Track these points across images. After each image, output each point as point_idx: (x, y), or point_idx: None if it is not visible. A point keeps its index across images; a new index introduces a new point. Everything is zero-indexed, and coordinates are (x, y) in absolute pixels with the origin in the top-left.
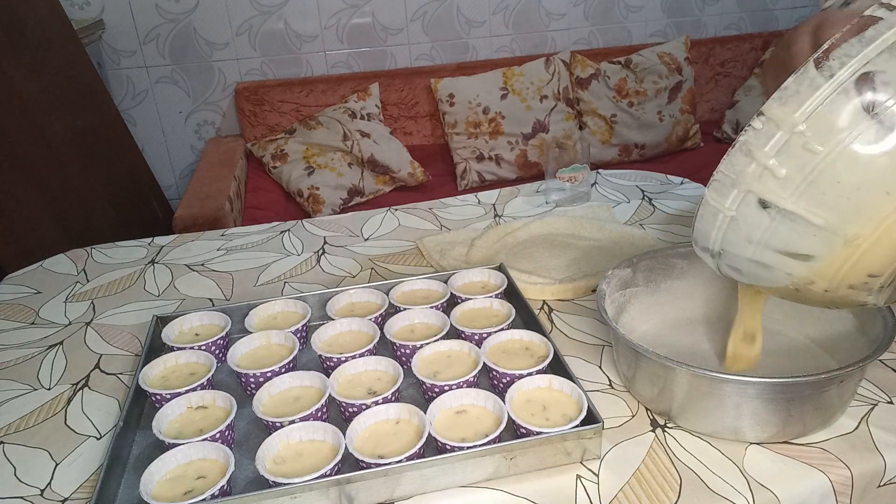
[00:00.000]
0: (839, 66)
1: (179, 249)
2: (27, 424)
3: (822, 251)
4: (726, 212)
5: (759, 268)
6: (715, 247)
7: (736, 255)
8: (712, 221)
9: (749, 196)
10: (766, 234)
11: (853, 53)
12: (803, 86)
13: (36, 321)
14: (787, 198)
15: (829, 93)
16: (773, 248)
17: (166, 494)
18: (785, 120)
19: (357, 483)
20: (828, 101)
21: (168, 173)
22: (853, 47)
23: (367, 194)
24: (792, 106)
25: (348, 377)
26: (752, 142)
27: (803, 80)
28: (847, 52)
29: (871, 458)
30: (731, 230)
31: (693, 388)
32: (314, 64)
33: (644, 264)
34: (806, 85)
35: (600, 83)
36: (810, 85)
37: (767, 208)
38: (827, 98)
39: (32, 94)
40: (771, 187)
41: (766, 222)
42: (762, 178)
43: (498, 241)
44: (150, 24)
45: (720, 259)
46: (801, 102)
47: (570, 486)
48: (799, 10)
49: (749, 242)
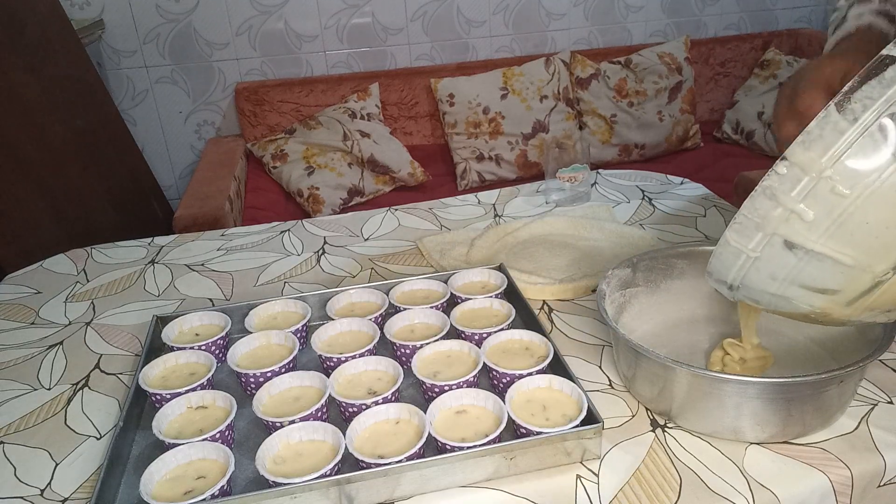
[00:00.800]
0: (862, 110)
1: (179, 249)
2: (27, 424)
3: (848, 287)
4: (750, 253)
5: (780, 300)
6: (734, 282)
7: (757, 290)
8: (733, 261)
9: (775, 238)
10: (793, 273)
11: (875, 96)
12: (826, 129)
13: (36, 321)
14: (816, 240)
15: (855, 137)
16: (798, 284)
17: (166, 494)
18: (811, 165)
19: (357, 483)
20: (854, 146)
21: (168, 173)
22: (874, 90)
23: (367, 194)
24: (817, 151)
25: (348, 377)
26: (777, 187)
27: (826, 124)
28: (869, 95)
29: (871, 458)
30: (753, 269)
31: (693, 388)
32: (314, 64)
33: (644, 264)
34: (829, 129)
35: (600, 83)
36: (834, 129)
37: (794, 249)
38: (853, 142)
39: (32, 95)
40: (798, 230)
41: (793, 262)
42: (789, 221)
43: (498, 241)
44: (150, 24)
45: (738, 291)
46: (827, 147)
47: (570, 486)
48: (799, 10)
49: (773, 280)
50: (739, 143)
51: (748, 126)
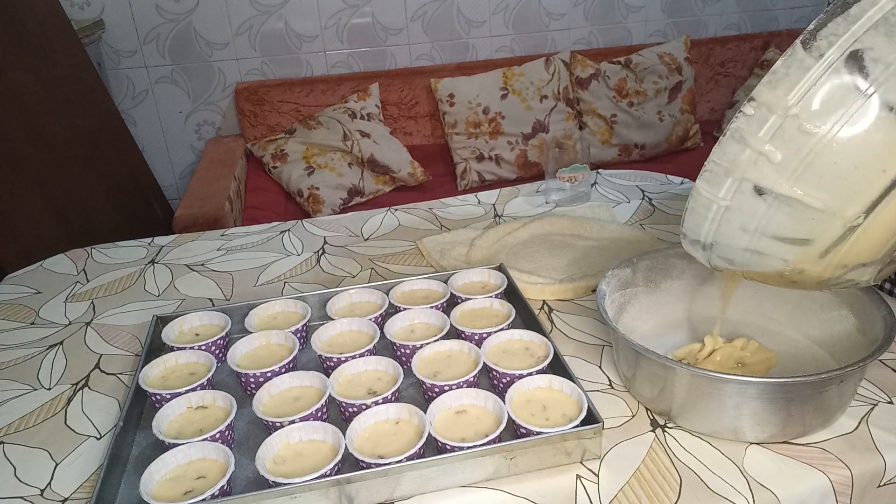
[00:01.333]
0: (827, 46)
1: (179, 249)
2: (27, 424)
3: (820, 235)
4: (720, 202)
5: (753, 256)
6: (707, 239)
7: (729, 246)
8: (704, 213)
9: (744, 184)
10: (763, 222)
11: (840, 32)
12: (792, 68)
13: (36, 321)
14: (784, 182)
15: (820, 73)
16: (769, 234)
17: (166, 494)
18: (777, 104)
19: (357, 483)
20: (819, 82)
21: (168, 173)
22: (839, 26)
23: (367, 194)
24: (783, 89)
25: (348, 377)
26: (745, 128)
27: (792, 62)
28: (834, 32)
29: (871, 458)
30: (724, 220)
31: (693, 388)
32: (314, 64)
33: (644, 264)
34: (795, 67)
35: (600, 83)
36: (800, 66)
37: (764, 195)
38: (818, 79)
39: (32, 94)
40: (767, 173)
41: (763, 209)
42: (757, 164)
43: (498, 241)
44: (150, 24)
45: (711, 251)
46: (793, 85)
47: (570, 486)
48: (799, 10)
49: (744, 231)
50: None
51: None
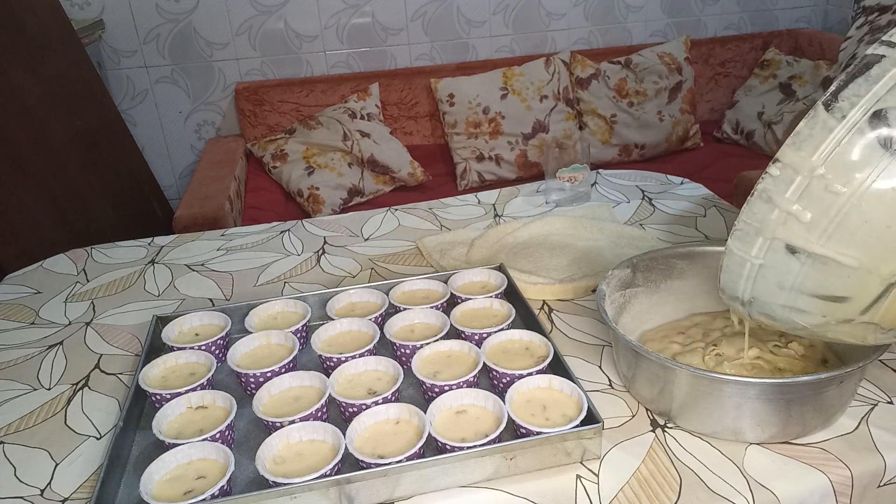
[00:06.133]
0: (850, 107)
1: (179, 249)
2: (27, 424)
3: (858, 292)
4: (753, 260)
5: (793, 313)
6: (745, 296)
7: (768, 303)
8: (739, 271)
9: (776, 243)
10: (799, 280)
11: (862, 93)
12: (816, 129)
13: (36, 321)
14: (816, 241)
15: (844, 133)
16: (806, 292)
17: (166, 494)
18: (802, 164)
19: (357, 483)
20: (844, 142)
21: (168, 173)
22: (861, 87)
23: (367, 194)
24: (807, 150)
25: (348, 377)
26: (772, 188)
27: (815, 123)
28: (856, 93)
29: (871, 458)
30: (760, 278)
31: (693, 389)
32: (314, 64)
33: (644, 264)
34: (819, 128)
35: (600, 83)
36: (823, 127)
37: (797, 253)
38: (843, 139)
39: (32, 95)
40: (797, 232)
41: (797, 268)
42: (787, 223)
43: (498, 241)
44: (150, 24)
45: (751, 307)
46: (817, 146)
47: (570, 486)
48: (799, 10)
49: (781, 289)
50: (739, 143)
51: (748, 126)
